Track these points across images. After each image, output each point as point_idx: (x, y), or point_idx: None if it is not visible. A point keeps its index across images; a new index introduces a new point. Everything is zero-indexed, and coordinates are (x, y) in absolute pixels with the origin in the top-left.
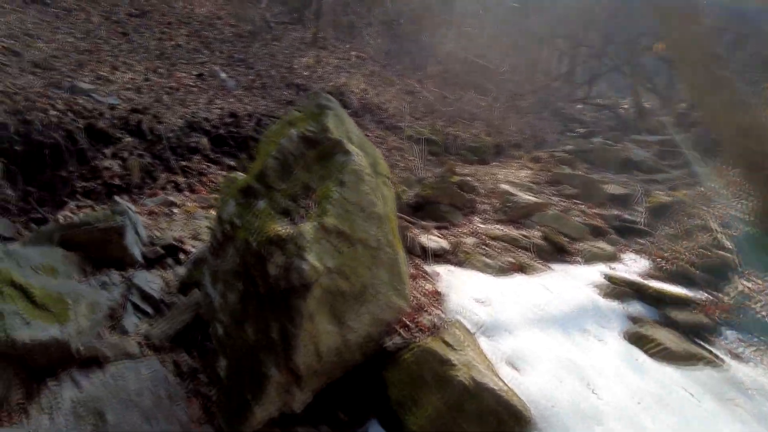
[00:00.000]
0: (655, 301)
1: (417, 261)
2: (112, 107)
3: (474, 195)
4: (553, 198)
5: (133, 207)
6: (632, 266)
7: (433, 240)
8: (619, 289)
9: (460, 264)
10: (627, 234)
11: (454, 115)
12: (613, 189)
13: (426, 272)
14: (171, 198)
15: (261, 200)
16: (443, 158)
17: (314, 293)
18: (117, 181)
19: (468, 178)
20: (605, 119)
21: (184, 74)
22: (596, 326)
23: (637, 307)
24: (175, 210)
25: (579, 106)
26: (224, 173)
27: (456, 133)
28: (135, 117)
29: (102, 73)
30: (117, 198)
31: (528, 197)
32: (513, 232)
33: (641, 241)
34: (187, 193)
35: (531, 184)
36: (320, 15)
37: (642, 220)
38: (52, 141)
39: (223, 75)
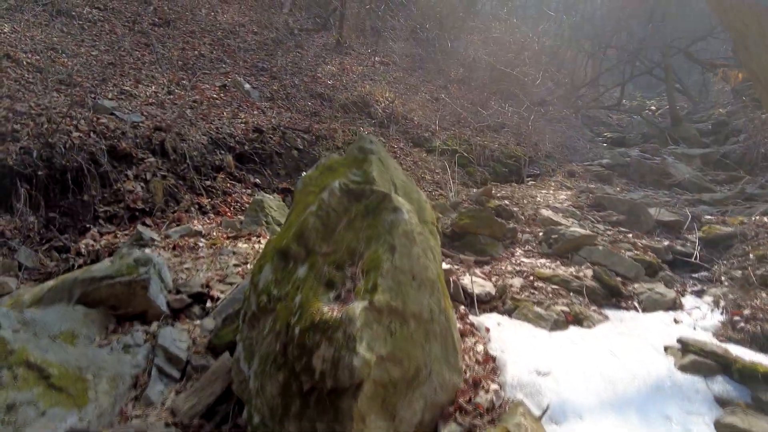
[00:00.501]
0: (746, 377)
1: (462, 310)
2: (135, 125)
3: (514, 222)
4: (598, 226)
5: (156, 237)
6: (701, 320)
7: (477, 284)
8: (698, 361)
9: (509, 313)
10: (681, 269)
11: (481, 123)
12: (661, 215)
13: (474, 326)
14: (196, 227)
15: (301, 266)
16: (472, 170)
17: (365, 391)
18: (140, 205)
19: (505, 202)
20: (637, 126)
21: (207, 86)
22: (679, 411)
23: (723, 385)
24: (201, 242)
25: (609, 112)
26: (249, 192)
27: (484, 143)
28: (158, 136)
29: (126, 87)
30: (141, 228)
31: (575, 229)
32: (562, 271)
33: (699, 278)
34: (211, 216)
35: (573, 209)
36: (343, 20)
37: (697, 253)
38: (75, 165)
39: (247, 86)
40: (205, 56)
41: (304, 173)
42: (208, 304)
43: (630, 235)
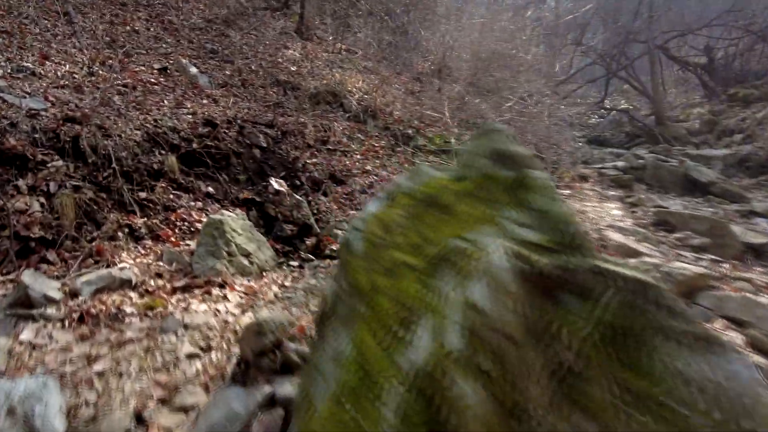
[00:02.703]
0: None
1: None
2: (32, 114)
3: None
4: (683, 254)
5: (55, 293)
6: None
7: None
8: None
9: None
10: None
11: (466, 120)
12: (745, 236)
13: None
14: (123, 267)
15: None
16: None
17: None
18: (37, 232)
19: None
20: (609, 126)
21: (142, 68)
22: None
23: None
24: (129, 307)
25: (591, 110)
26: (200, 205)
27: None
28: (70, 129)
29: (26, 64)
30: (27, 278)
31: (680, 265)
32: None
33: None
34: (147, 244)
35: (639, 229)
36: (304, 1)
37: None
38: None
39: (194, 70)
40: (140, 33)
41: (357, 218)
42: None
43: (726, 265)
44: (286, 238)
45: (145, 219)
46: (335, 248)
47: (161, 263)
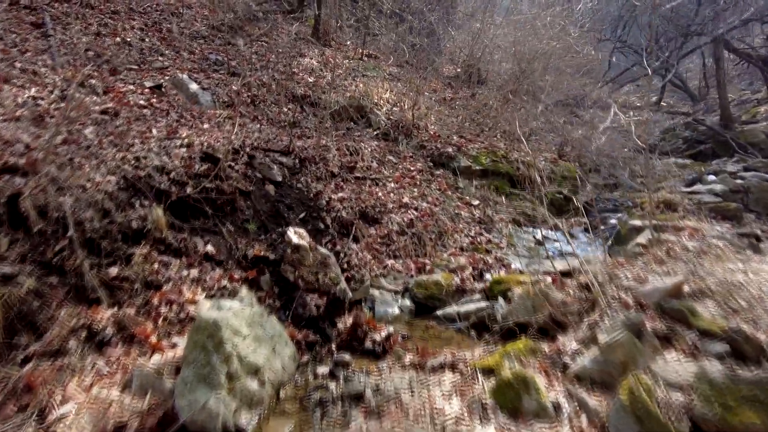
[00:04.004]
0: None
1: None
2: None
3: None
4: None
5: None
6: None
7: None
8: None
9: None
10: None
11: (507, 130)
12: None
13: None
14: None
15: None
16: (517, 198)
17: None
18: None
19: (710, 306)
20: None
21: (131, 87)
22: None
23: None
24: None
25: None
26: (195, 273)
27: (525, 158)
28: (8, 184)
29: None
30: None
31: None
32: None
33: None
34: (114, 355)
35: None
36: (321, 2)
37: None
38: None
39: (194, 86)
40: (133, 45)
41: None
42: None
43: None
44: (310, 319)
45: (115, 309)
46: (379, 337)
47: (126, 397)
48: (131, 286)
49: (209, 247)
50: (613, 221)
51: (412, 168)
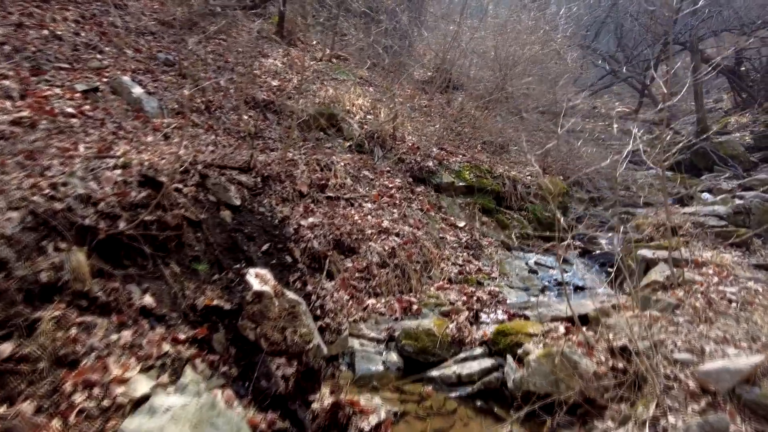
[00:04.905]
0: None
1: None
2: None
3: None
4: None
5: None
6: None
7: None
8: None
9: None
10: None
11: (489, 141)
12: None
13: None
14: None
15: None
16: (503, 217)
17: None
18: None
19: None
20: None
21: (57, 90)
22: None
23: None
24: None
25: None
26: (127, 339)
27: (508, 173)
28: None
29: None
30: None
31: None
32: None
33: None
34: None
35: None
36: None
37: None
38: None
39: (138, 90)
40: (65, 40)
41: None
42: None
43: None
44: (277, 397)
45: (4, 408)
46: (368, 425)
47: None
48: (32, 367)
49: (147, 298)
50: (603, 241)
51: (390, 185)
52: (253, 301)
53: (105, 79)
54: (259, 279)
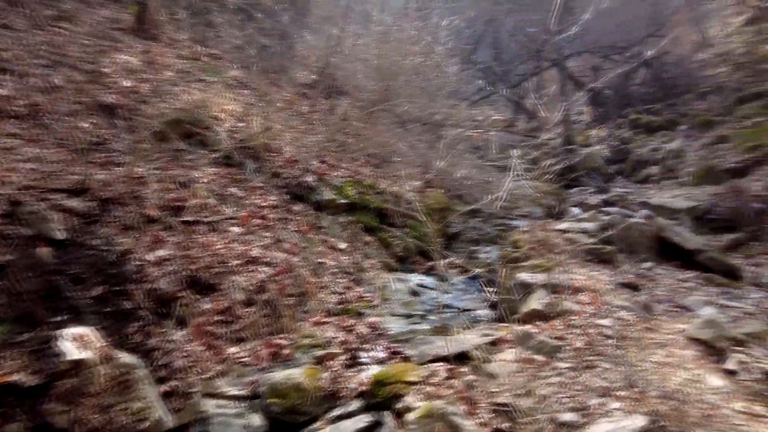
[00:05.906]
0: None
1: None
2: None
3: None
4: None
5: None
6: None
7: None
8: None
9: None
10: None
11: (370, 153)
12: None
13: None
14: None
15: None
16: (386, 236)
17: None
18: None
19: None
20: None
21: None
22: None
23: None
24: None
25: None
26: None
27: (391, 187)
28: None
29: None
30: None
31: None
32: None
33: None
34: None
35: None
36: None
37: None
38: None
39: None
40: None
41: None
42: None
43: None
44: None
45: None
46: None
47: None
48: None
49: None
50: (484, 255)
51: (263, 204)
52: (68, 373)
53: None
54: (77, 343)
